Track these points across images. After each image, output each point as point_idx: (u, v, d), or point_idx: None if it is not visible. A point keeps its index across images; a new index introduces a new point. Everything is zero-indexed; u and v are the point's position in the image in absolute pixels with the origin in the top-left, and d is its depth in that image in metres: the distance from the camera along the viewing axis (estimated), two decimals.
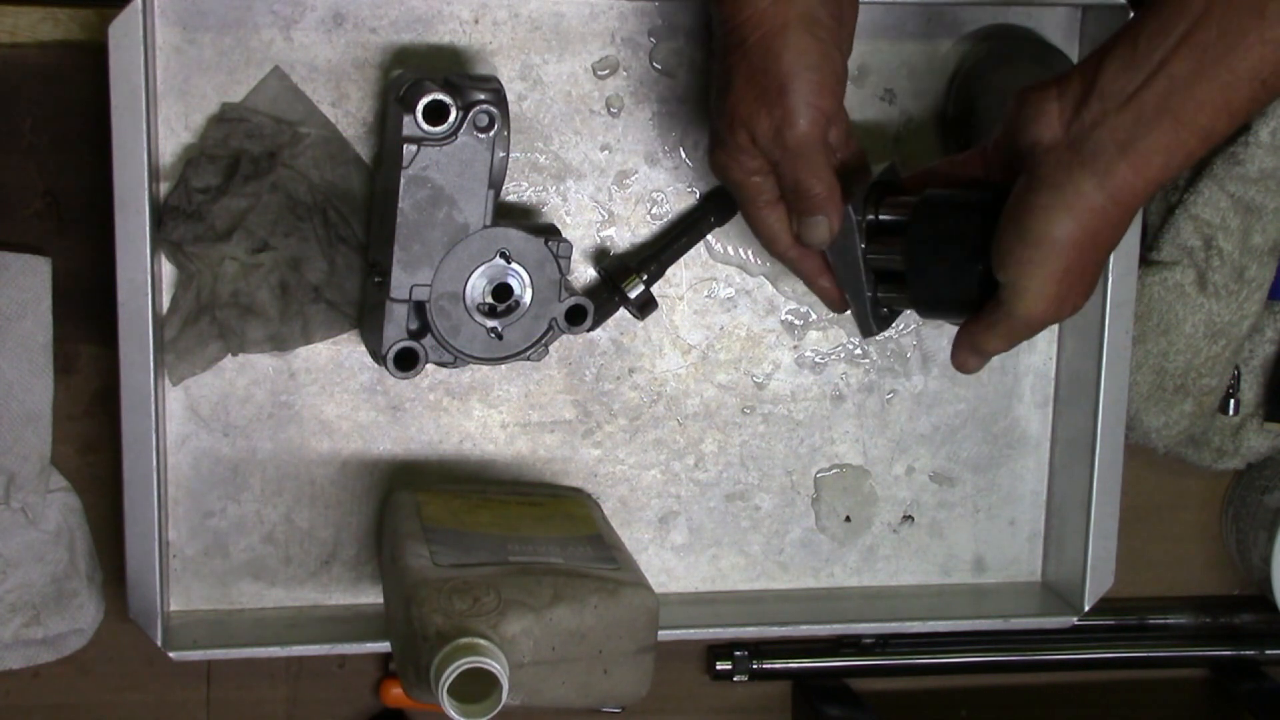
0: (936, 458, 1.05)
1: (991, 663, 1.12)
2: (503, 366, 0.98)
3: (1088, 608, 1.02)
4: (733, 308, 1.01)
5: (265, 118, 0.93)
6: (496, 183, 0.88)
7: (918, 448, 1.05)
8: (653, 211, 0.99)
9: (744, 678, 1.08)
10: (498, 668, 0.76)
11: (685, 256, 0.99)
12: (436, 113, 0.85)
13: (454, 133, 0.86)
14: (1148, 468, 1.10)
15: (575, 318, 0.92)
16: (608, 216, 0.99)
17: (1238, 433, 1.08)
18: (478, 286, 0.90)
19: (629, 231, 0.99)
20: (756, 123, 0.84)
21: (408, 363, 0.90)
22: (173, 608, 0.98)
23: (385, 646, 0.97)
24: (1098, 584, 1.02)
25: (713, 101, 0.87)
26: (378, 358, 0.91)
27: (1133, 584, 1.11)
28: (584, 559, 0.87)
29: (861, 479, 1.04)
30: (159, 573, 0.93)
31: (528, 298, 0.91)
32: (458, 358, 0.91)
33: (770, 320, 1.02)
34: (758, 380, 1.02)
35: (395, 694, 1.05)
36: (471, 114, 0.86)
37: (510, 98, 0.93)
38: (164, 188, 0.93)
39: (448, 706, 0.76)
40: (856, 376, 1.03)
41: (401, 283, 0.88)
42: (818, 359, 1.02)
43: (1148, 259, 1.02)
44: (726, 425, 1.02)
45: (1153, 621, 1.14)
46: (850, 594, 1.05)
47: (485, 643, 0.78)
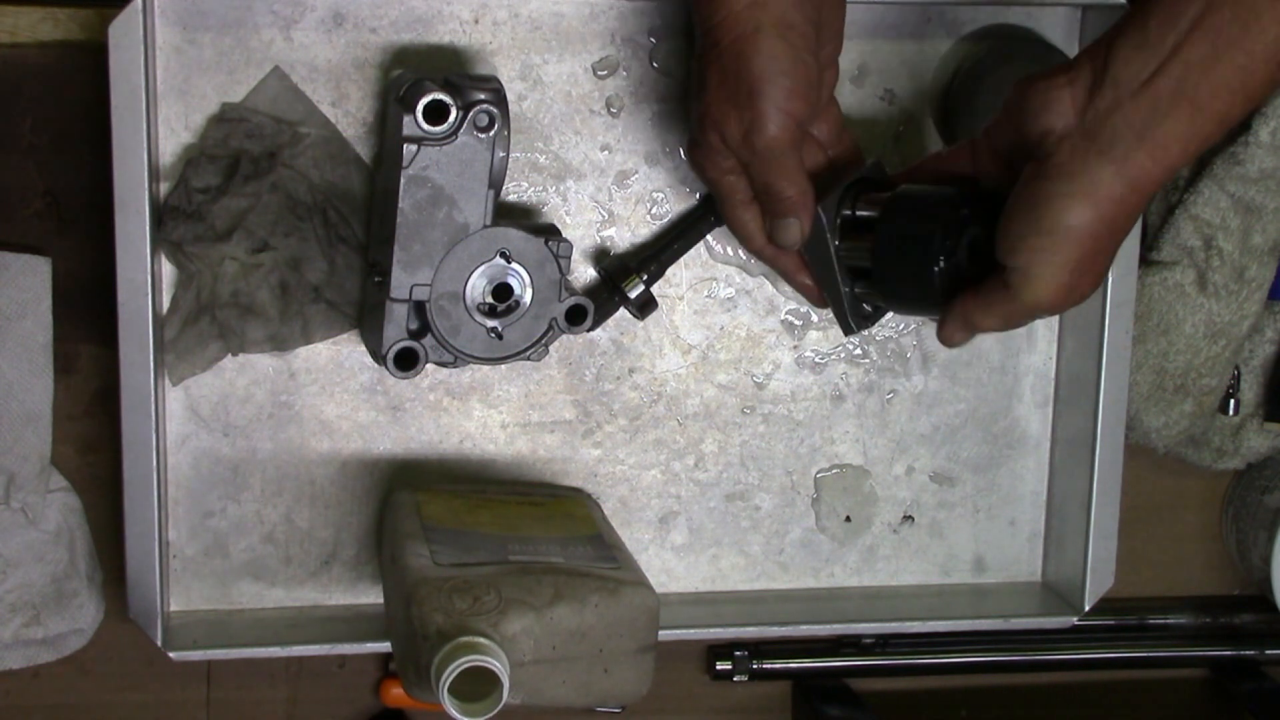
0: (936, 458, 1.05)
1: (991, 663, 1.12)
2: (503, 366, 0.98)
3: (1088, 608, 1.02)
4: (733, 308, 1.01)
5: (265, 118, 0.93)
6: (496, 183, 0.88)
7: (918, 448, 1.05)
8: (653, 211, 0.99)
9: (744, 678, 1.08)
10: (498, 667, 0.76)
11: (685, 256, 0.99)
12: (436, 113, 0.85)
13: (454, 133, 0.86)
14: (1148, 468, 1.10)
15: (575, 318, 0.92)
16: (608, 216, 0.99)
17: (1238, 433, 1.08)
18: (478, 286, 0.90)
19: (629, 231, 0.99)
20: (727, 125, 0.84)
21: (408, 363, 0.90)
22: (173, 608, 0.98)
23: (385, 646, 0.97)
24: (1098, 584, 1.02)
25: (691, 100, 0.87)
26: (378, 358, 0.91)
27: (1133, 584, 1.11)
28: (584, 559, 0.87)
29: (861, 479, 1.04)
30: (159, 573, 0.93)
31: (528, 298, 0.91)
32: (458, 358, 0.91)
33: (770, 320, 1.02)
34: (758, 380, 1.02)
35: (395, 694, 1.05)
36: (471, 114, 0.86)
37: (510, 98, 0.93)
38: (164, 188, 0.93)
39: (448, 705, 0.76)
40: (856, 376, 1.03)
41: (401, 283, 0.88)
42: (818, 359, 1.02)
43: (1148, 259, 1.02)
44: (726, 425, 1.02)
45: (1153, 621, 1.14)
46: (850, 594, 1.05)
47: (486, 642, 0.77)
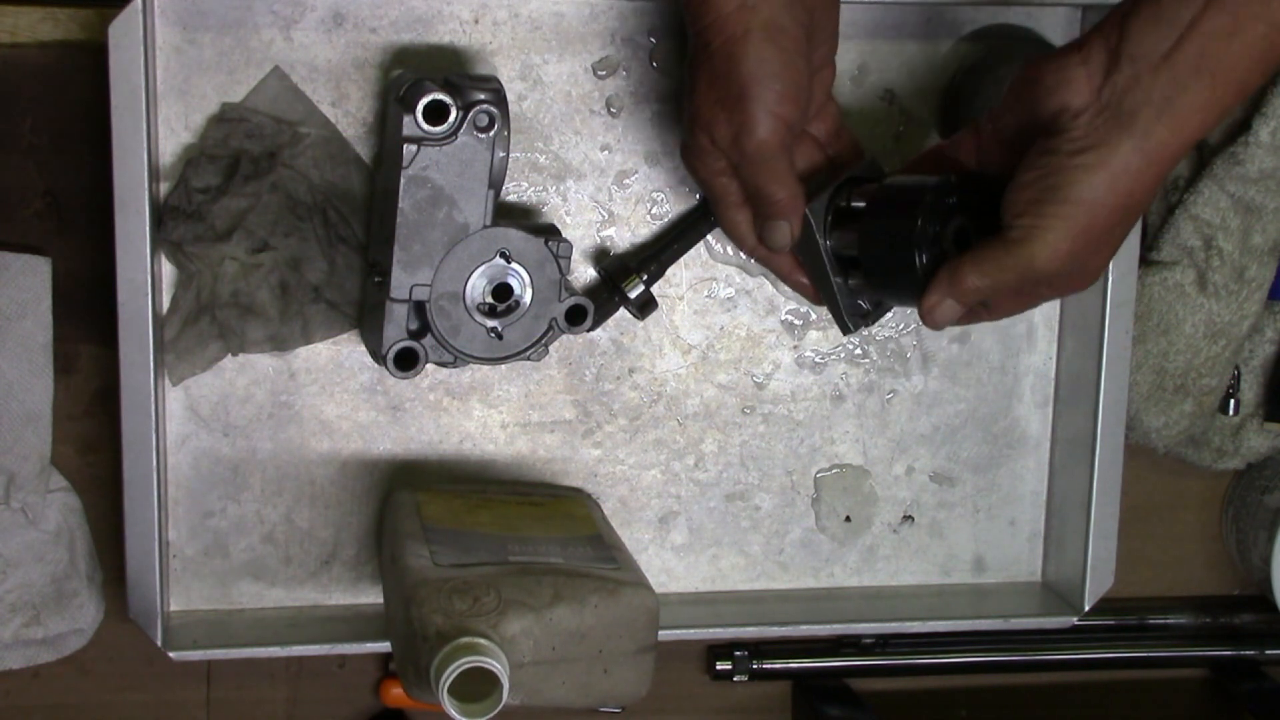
0: (936, 458, 1.05)
1: (991, 663, 1.12)
2: (503, 366, 0.98)
3: (1088, 608, 1.02)
4: (733, 308, 1.01)
5: (265, 118, 0.93)
6: (496, 183, 0.88)
7: (918, 448, 1.05)
8: (653, 211, 0.99)
9: (744, 678, 1.08)
10: (498, 667, 0.76)
11: (685, 256, 0.99)
12: (436, 113, 0.85)
13: (454, 133, 0.86)
14: (1148, 468, 1.10)
15: (575, 318, 0.92)
16: (608, 216, 0.99)
17: (1238, 433, 1.08)
18: (478, 286, 0.90)
19: (629, 231, 0.99)
20: (716, 128, 0.84)
21: (408, 363, 0.90)
22: (173, 608, 0.98)
23: (385, 646, 0.97)
24: (1098, 584, 1.02)
25: (683, 101, 0.87)
26: (378, 358, 0.91)
27: (1133, 584, 1.11)
28: (584, 559, 0.87)
29: (861, 479, 1.04)
30: (159, 573, 0.93)
31: (528, 298, 0.91)
32: (458, 358, 0.91)
33: (770, 320, 1.02)
34: (758, 380, 1.02)
35: (395, 694, 1.05)
36: (471, 114, 0.86)
37: (510, 98, 0.93)
38: (164, 188, 0.93)
39: (448, 706, 0.76)
40: (856, 376, 1.03)
41: (401, 283, 0.88)
42: (818, 359, 1.02)
43: (1148, 259, 1.02)
44: (726, 425, 1.02)
45: (1153, 621, 1.14)
46: (850, 594, 1.05)
47: (485, 642, 0.77)
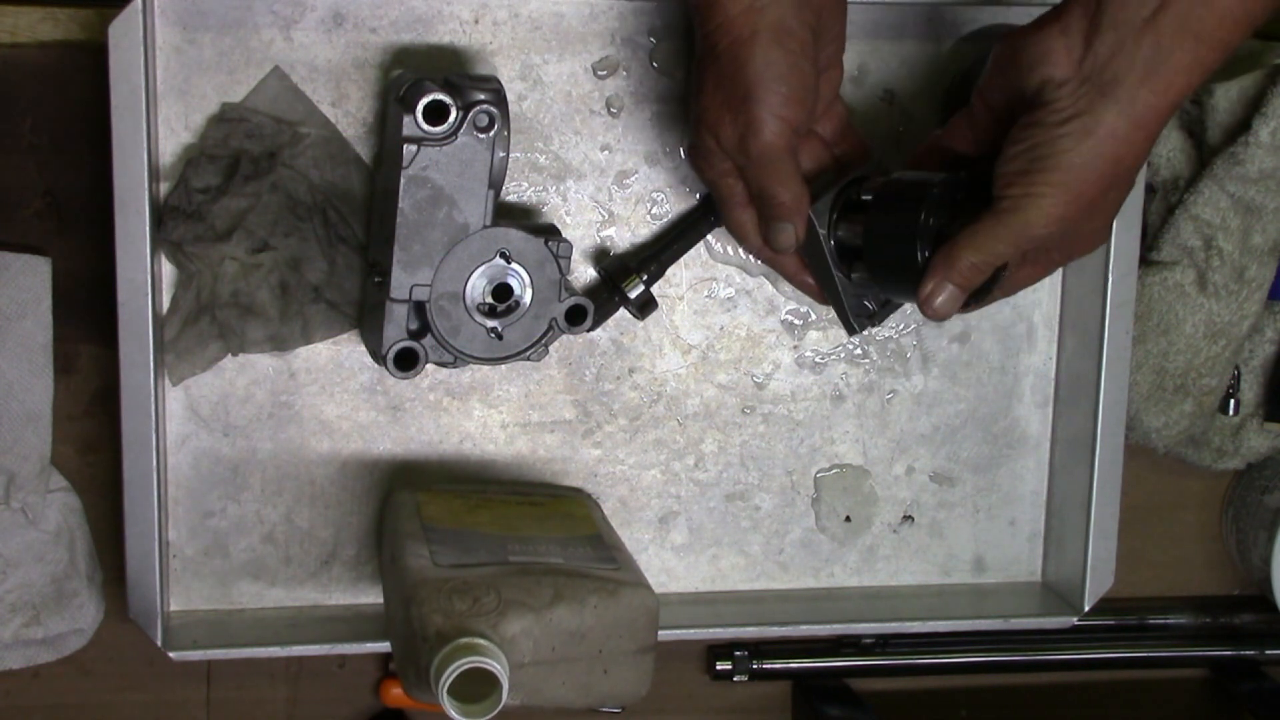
0: (936, 458, 1.05)
1: (991, 663, 1.12)
2: (503, 366, 0.98)
3: (1088, 608, 1.02)
4: (733, 308, 1.01)
5: (265, 118, 0.93)
6: (496, 183, 0.88)
7: (918, 448, 1.05)
8: (653, 211, 0.99)
9: (744, 678, 1.08)
10: (498, 668, 0.76)
11: (685, 256, 0.99)
12: (436, 113, 0.85)
13: (454, 133, 0.86)
14: (1148, 468, 1.10)
15: (575, 318, 0.92)
16: (608, 216, 0.99)
17: (1238, 433, 1.08)
18: (478, 286, 0.90)
19: (629, 231, 0.99)
20: (721, 129, 0.84)
21: (408, 363, 0.90)
22: (173, 608, 0.98)
23: (385, 646, 0.97)
24: (1098, 584, 1.02)
25: (690, 102, 0.87)
26: (378, 358, 0.91)
27: (1133, 584, 1.11)
28: (584, 559, 0.87)
29: (861, 479, 1.04)
30: (159, 573, 0.93)
31: (528, 298, 0.91)
32: (458, 358, 0.91)
33: (770, 320, 1.02)
34: (758, 380, 1.02)
35: (395, 694, 1.05)
36: (471, 114, 0.86)
37: (510, 98, 0.93)
38: (164, 188, 0.93)
39: (448, 706, 0.76)
40: (856, 376, 1.03)
41: (401, 283, 0.88)
42: (818, 359, 1.02)
43: (1148, 259, 1.02)
44: (726, 425, 1.02)
45: (1153, 621, 1.14)
46: (850, 594, 1.05)
47: (485, 643, 0.77)
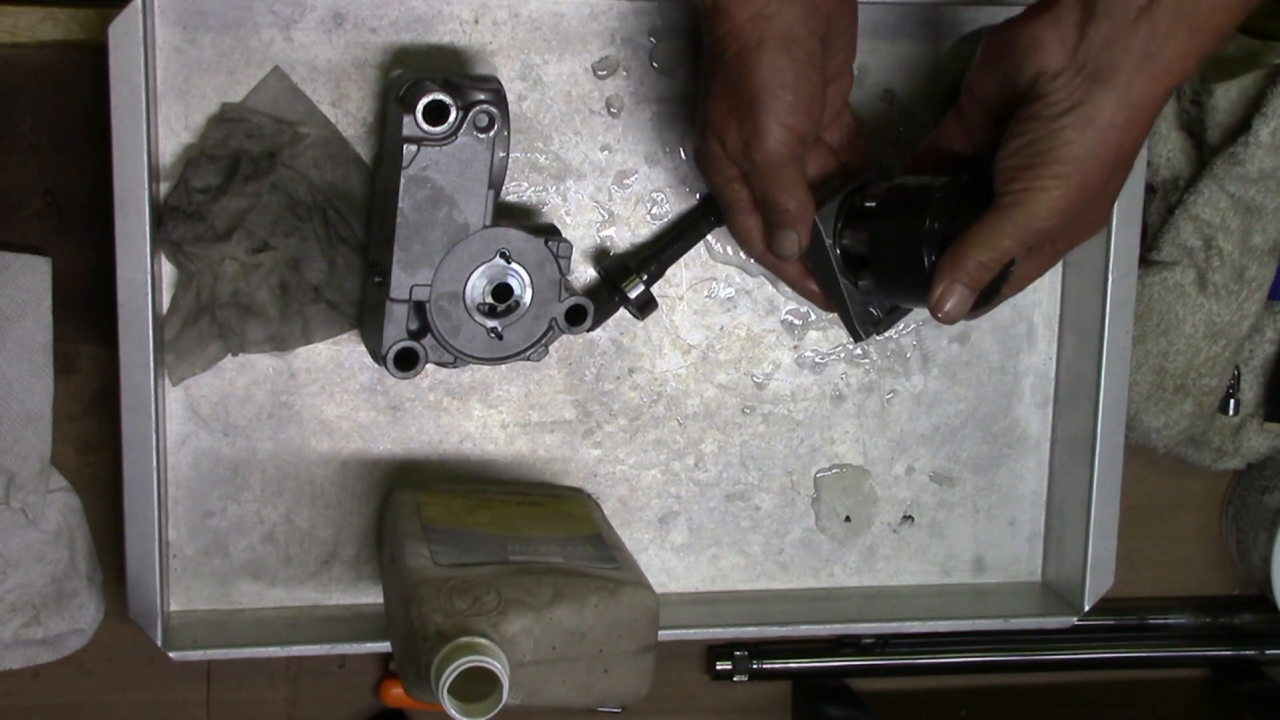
0: (936, 458, 1.05)
1: (991, 663, 1.12)
2: (503, 366, 0.98)
3: (1088, 608, 1.02)
4: (733, 308, 1.01)
5: (265, 118, 0.93)
6: (496, 183, 0.88)
7: (918, 448, 1.05)
8: (653, 211, 0.99)
9: (744, 678, 1.08)
10: (498, 667, 0.76)
11: (685, 256, 0.99)
12: (436, 113, 0.85)
13: (454, 133, 0.86)
14: (1148, 468, 1.10)
15: (575, 318, 0.92)
16: (608, 216, 0.99)
17: (1238, 433, 1.08)
18: (478, 286, 0.90)
19: (629, 231, 0.99)
20: (727, 135, 0.84)
21: (408, 363, 0.90)
22: (173, 608, 0.98)
23: (385, 646, 0.97)
24: (1098, 584, 1.02)
25: (697, 106, 0.87)
26: (378, 358, 0.91)
27: (1133, 584, 1.11)
28: (584, 559, 0.87)
29: (861, 479, 1.04)
30: (159, 573, 0.93)
31: (528, 298, 0.91)
32: (458, 358, 0.91)
33: (770, 320, 1.02)
34: (758, 380, 1.02)
35: (395, 694, 1.05)
36: (471, 114, 0.86)
37: (510, 98, 0.93)
38: (164, 188, 0.93)
39: (448, 706, 0.76)
40: (856, 376, 1.03)
41: (401, 283, 0.88)
42: (818, 359, 1.02)
43: (1148, 259, 1.02)
44: (726, 425, 1.02)
45: (1153, 621, 1.14)
46: (850, 594, 1.05)
47: (485, 642, 0.77)
